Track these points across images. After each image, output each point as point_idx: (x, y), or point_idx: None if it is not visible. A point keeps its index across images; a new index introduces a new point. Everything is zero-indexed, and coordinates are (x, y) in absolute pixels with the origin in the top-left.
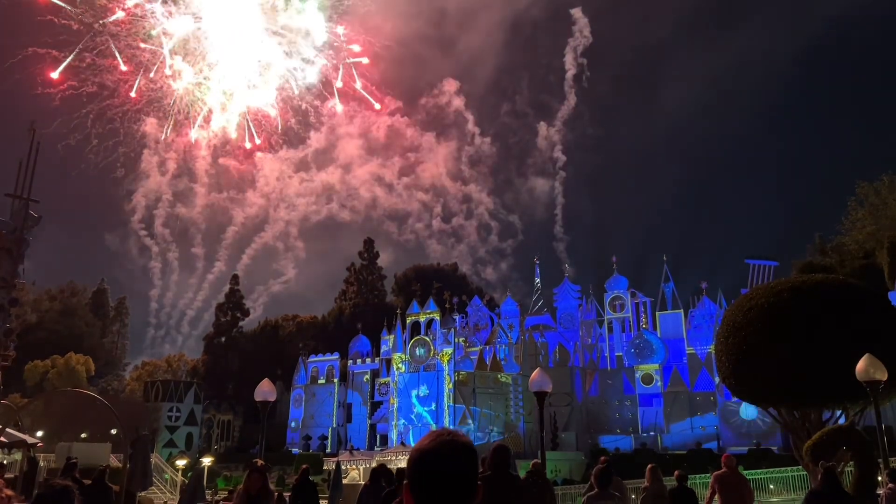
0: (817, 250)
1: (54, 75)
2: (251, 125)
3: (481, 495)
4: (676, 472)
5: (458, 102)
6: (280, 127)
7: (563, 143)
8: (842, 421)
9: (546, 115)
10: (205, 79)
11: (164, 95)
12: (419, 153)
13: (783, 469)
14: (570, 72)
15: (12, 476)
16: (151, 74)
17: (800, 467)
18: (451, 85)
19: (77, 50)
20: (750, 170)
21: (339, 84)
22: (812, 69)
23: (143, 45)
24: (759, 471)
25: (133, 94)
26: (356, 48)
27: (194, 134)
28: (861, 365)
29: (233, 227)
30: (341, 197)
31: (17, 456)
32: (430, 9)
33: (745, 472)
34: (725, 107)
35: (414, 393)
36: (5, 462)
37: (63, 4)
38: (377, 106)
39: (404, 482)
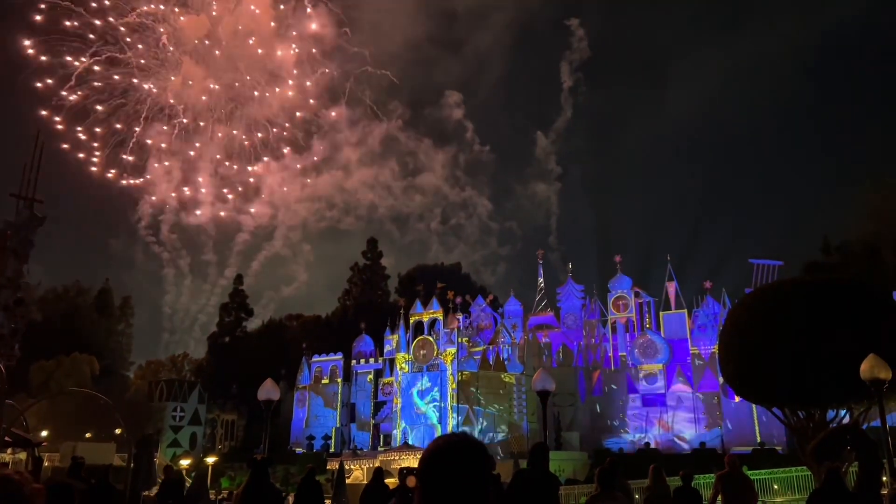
0: (822, 250)
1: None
2: (257, 132)
3: (516, 490)
4: (681, 472)
5: (459, 113)
6: (285, 134)
7: (563, 148)
8: (846, 421)
9: (548, 120)
10: (213, 86)
11: (171, 102)
12: (420, 159)
13: (787, 469)
14: (567, 83)
15: None
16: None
17: (804, 467)
18: (453, 97)
19: (88, 54)
20: (755, 169)
21: (345, 90)
22: (819, 69)
23: (152, 52)
24: (763, 471)
25: (141, 102)
26: (364, 53)
27: (201, 141)
28: (865, 364)
29: (242, 235)
30: (344, 201)
31: (23, 455)
32: (438, 12)
33: (748, 473)
34: (730, 107)
35: (416, 392)
36: (10, 461)
37: (76, 9)
38: (381, 116)
39: (414, 482)
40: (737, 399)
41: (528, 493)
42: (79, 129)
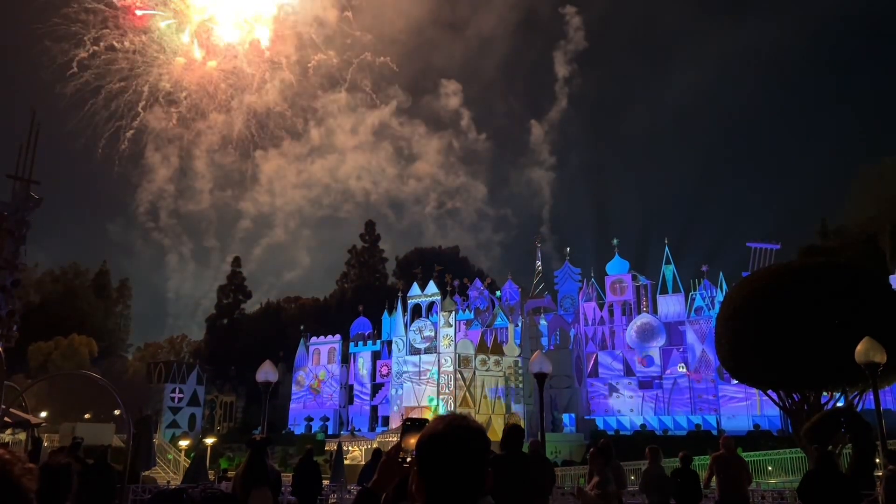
0: (819, 234)
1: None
2: (255, 118)
3: (493, 476)
4: (682, 453)
5: (457, 101)
6: (284, 120)
7: (559, 134)
8: (841, 404)
9: (544, 107)
10: (214, 70)
11: (171, 89)
12: (416, 145)
13: (781, 451)
14: (563, 73)
15: None
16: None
17: (797, 449)
18: (451, 85)
19: (89, 37)
20: (753, 153)
21: (345, 77)
22: (816, 54)
23: (153, 37)
24: (757, 452)
25: (141, 86)
26: (366, 37)
27: (201, 127)
28: (861, 347)
29: (243, 221)
30: (341, 187)
31: (22, 436)
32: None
33: (743, 454)
34: (729, 91)
35: (413, 374)
36: (10, 442)
37: None
38: (379, 104)
39: (412, 464)
40: (733, 382)
41: (506, 479)
42: (78, 112)
